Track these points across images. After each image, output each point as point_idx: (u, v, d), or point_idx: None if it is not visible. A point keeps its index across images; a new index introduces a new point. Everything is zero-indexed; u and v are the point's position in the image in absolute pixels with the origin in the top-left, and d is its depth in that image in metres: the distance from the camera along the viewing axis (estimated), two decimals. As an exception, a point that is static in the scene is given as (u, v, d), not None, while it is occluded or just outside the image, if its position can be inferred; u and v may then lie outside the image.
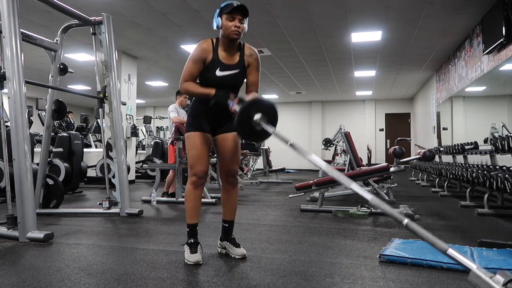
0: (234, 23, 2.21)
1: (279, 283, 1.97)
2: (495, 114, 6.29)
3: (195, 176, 2.36)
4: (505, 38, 4.92)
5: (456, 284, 1.96)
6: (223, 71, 2.31)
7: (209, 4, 5.47)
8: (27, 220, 2.89)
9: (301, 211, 4.34)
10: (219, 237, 2.55)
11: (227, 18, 2.21)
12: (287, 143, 1.81)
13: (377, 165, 4.45)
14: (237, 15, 2.21)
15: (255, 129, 1.98)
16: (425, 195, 5.97)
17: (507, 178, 3.48)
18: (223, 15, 2.22)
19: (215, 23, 2.26)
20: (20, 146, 2.94)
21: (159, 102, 15.70)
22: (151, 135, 11.18)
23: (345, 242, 2.88)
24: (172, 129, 5.32)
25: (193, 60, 2.29)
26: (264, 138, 2.06)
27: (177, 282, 1.97)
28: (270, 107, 2.07)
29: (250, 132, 2.02)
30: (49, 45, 4.06)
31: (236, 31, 2.22)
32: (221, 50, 2.31)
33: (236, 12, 2.20)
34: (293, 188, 4.86)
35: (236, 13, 2.21)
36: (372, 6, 5.56)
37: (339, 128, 8.82)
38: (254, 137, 2.07)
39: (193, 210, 2.39)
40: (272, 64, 8.93)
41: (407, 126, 14.35)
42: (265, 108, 2.03)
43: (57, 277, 2.04)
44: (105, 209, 4.05)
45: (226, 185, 2.48)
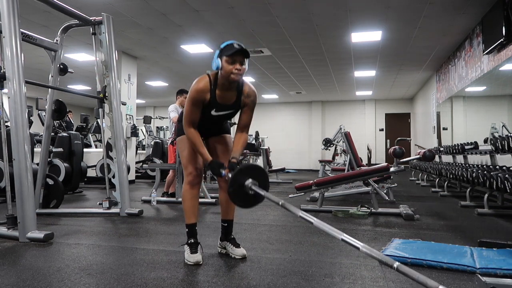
0: (235, 66, 2.17)
1: (279, 283, 1.97)
2: (495, 114, 6.29)
3: (190, 175, 2.40)
4: (505, 38, 4.92)
5: (456, 284, 1.96)
6: (218, 111, 2.34)
7: (209, 4, 5.47)
8: (27, 220, 2.89)
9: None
10: (219, 237, 2.56)
11: (227, 60, 2.17)
12: (279, 203, 1.90)
13: (377, 165, 4.45)
14: (238, 58, 2.18)
15: (248, 194, 2.04)
16: (425, 195, 5.97)
17: (507, 178, 3.48)
18: (223, 56, 2.18)
19: (215, 64, 2.21)
20: (20, 146, 2.94)
21: (159, 102, 15.70)
22: (151, 135, 11.18)
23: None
24: (172, 129, 5.32)
25: (192, 104, 2.26)
26: (258, 202, 2.11)
27: (177, 282, 1.97)
28: (259, 171, 2.11)
29: (244, 198, 2.07)
30: (49, 45, 4.06)
31: (237, 74, 2.19)
32: (219, 90, 2.28)
33: (237, 55, 2.17)
34: (293, 188, 4.86)
35: (237, 56, 2.17)
36: (372, 6, 5.56)
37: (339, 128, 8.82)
38: (249, 203, 2.11)
39: (191, 210, 2.41)
40: (272, 64, 8.93)
41: (407, 126, 14.35)
42: (254, 173, 2.08)
43: (57, 277, 2.04)
44: (105, 209, 4.05)
45: (223, 184, 2.50)
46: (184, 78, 10.35)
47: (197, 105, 2.27)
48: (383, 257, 1.49)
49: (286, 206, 1.89)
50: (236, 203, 2.12)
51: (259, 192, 2.01)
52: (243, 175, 2.04)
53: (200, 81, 2.26)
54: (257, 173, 2.08)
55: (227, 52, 2.17)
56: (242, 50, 2.16)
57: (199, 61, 8.56)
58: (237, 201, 2.09)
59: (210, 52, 7.86)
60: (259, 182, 2.06)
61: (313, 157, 14.71)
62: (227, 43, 2.21)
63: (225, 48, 2.19)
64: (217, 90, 2.28)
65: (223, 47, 2.21)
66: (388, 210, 4.16)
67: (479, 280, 1.64)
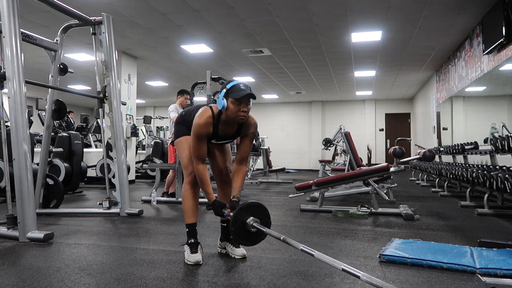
0: (241, 108, 2.17)
1: (279, 283, 1.97)
2: (495, 114, 6.29)
3: (190, 176, 2.41)
4: (505, 38, 4.92)
5: (456, 284, 1.96)
6: (219, 141, 2.40)
7: (209, 4, 5.47)
8: (27, 220, 2.89)
9: (301, 211, 4.34)
10: (219, 237, 2.56)
11: (233, 102, 2.16)
12: (280, 238, 1.97)
13: (377, 165, 4.45)
14: (244, 100, 2.17)
15: (250, 232, 2.08)
16: (425, 195, 5.97)
17: (507, 178, 3.48)
18: (229, 98, 2.17)
19: (221, 105, 2.19)
20: (20, 146, 2.94)
21: (159, 102, 15.70)
22: (151, 135, 11.18)
23: (345, 242, 2.88)
24: (172, 129, 5.32)
25: (197, 139, 2.26)
26: (260, 240, 2.15)
27: (177, 282, 1.97)
28: (260, 209, 2.14)
29: (247, 236, 2.10)
30: (49, 45, 4.06)
31: (243, 116, 2.20)
32: (221, 125, 2.30)
33: (244, 98, 2.16)
34: (293, 188, 4.86)
35: (244, 99, 2.17)
36: (372, 6, 5.56)
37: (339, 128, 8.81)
38: (251, 241, 2.14)
39: (191, 210, 2.42)
40: (272, 64, 8.93)
41: (407, 126, 14.35)
42: (255, 210, 2.12)
43: (57, 277, 2.04)
44: (105, 209, 4.05)
45: (221, 184, 2.52)
46: (184, 78, 10.35)
47: (202, 140, 2.27)
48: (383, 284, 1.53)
49: (287, 241, 1.96)
50: (239, 241, 2.15)
51: (261, 229, 2.05)
52: (244, 214, 2.08)
53: (203, 116, 2.25)
54: (258, 210, 2.13)
55: (234, 95, 2.15)
56: (249, 94, 2.16)
57: (199, 61, 8.56)
58: (240, 239, 2.12)
59: (210, 52, 7.87)
60: (261, 219, 2.11)
61: (313, 157, 14.71)
62: (233, 84, 2.19)
63: (232, 90, 2.17)
64: (220, 125, 2.29)
65: (229, 87, 2.18)
66: (388, 210, 4.16)
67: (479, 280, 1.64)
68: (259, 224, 2.08)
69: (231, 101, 2.17)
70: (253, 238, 2.12)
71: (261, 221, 2.11)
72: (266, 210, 2.17)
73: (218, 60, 8.57)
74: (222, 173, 2.51)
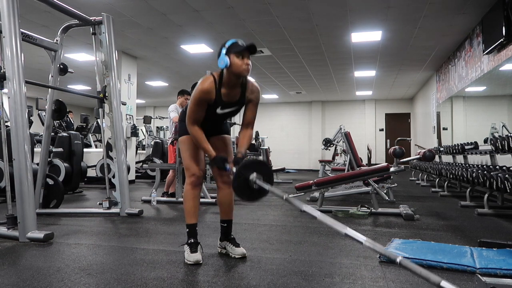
0: (245, 61, 2.21)
1: (279, 283, 1.97)
2: (495, 114, 6.29)
3: (193, 176, 2.41)
4: (505, 38, 4.92)
5: (456, 284, 1.96)
6: (224, 109, 2.37)
7: (209, 4, 5.47)
8: (27, 220, 2.89)
9: (301, 211, 4.33)
10: (219, 237, 2.56)
11: (236, 56, 2.20)
12: (283, 197, 1.95)
13: (377, 165, 4.45)
14: (246, 53, 2.22)
15: (252, 188, 2.07)
16: (425, 195, 5.97)
17: (507, 178, 3.48)
18: (232, 53, 2.21)
19: (223, 62, 2.22)
20: (20, 146, 2.94)
21: (159, 102, 15.70)
22: (151, 135, 11.18)
23: (345, 242, 2.88)
24: (172, 129, 5.32)
25: (197, 104, 2.28)
26: (262, 196, 2.15)
27: (177, 282, 1.97)
28: (263, 166, 2.14)
29: (249, 192, 2.10)
30: (49, 45, 4.06)
31: (247, 68, 2.22)
32: (224, 88, 2.30)
33: (246, 51, 2.21)
34: (293, 188, 4.86)
35: (246, 52, 2.21)
36: (372, 6, 5.56)
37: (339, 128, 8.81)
38: (253, 197, 2.14)
39: (192, 210, 2.42)
40: (272, 64, 8.93)
41: (407, 126, 14.35)
42: (259, 167, 2.11)
43: (57, 277, 2.04)
44: (105, 209, 4.05)
45: (221, 184, 2.51)
46: (184, 78, 10.35)
47: (201, 105, 2.28)
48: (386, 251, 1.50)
49: (290, 200, 1.93)
50: (241, 196, 2.13)
51: (263, 186, 2.03)
52: (247, 169, 2.07)
53: (205, 81, 2.27)
54: (262, 168, 2.11)
55: (236, 49, 2.20)
56: (251, 47, 2.21)
57: (199, 61, 8.56)
58: (242, 195, 2.11)
59: (210, 52, 7.86)
60: (264, 176, 2.08)
61: (313, 157, 14.71)
62: (232, 42, 2.24)
63: (232, 46, 2.22)
64: (222, 89, 2.29)
65: (230, 45, 2.23)
66: (388, 210, 4.16)
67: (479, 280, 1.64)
68: (262, 181, 2.06)
69: (234, 55, 2.20)
70: (254, 195, 2.12)
71: (264, 178, 2.09)
72: (269, 167, 2.16)
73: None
74: (222, 173, 2.48)
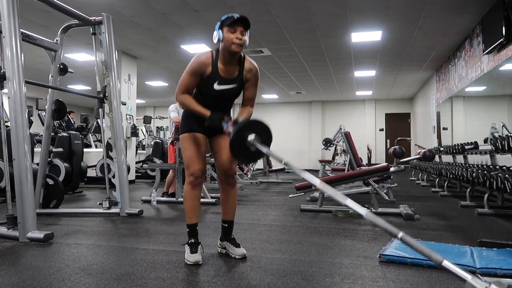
0: (236, 35, 2.17)
1: (279, 283, 1.97)
2: (495, 114, 6.29)
3: (192, 176, 2.38)
4: (505, 38, 4.92)
5: (456, 284, 1.96)
6: (221, 85, 2.30)
7: (209, 4, 5.47)
8: (27, 220, 2.89)
9: (301, 211, 4.34)
10: (219, 237, 2.56)
11: (228, 30, 2.17)
12: (282, 161, 1.91)
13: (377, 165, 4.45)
14: (239, 27, 2.18)
15: (249, 149, 2.03)
16: (425, 195, 5.97)
17: (507, 178, 3.48)
18: (224, 27, 2.18)
19: (216, 36, 2.21)
20: (20, 146, 2.94)
21: (159, 102, 15.70)
22: (151, 135, 11.18)
23: (345, 242, 2.88)
24: (172, 129, 5.32)
25: (190, 73, 2.26)
26: (259, 158, 2.12)
27: (177, 282, 1.97)
28: (263, 127, 2.10)
29: (245, 153, 2.06)
30: (49, 45, 4.06)
31: (238, 44, 2.18)
32: (221, 63, 2.28)
33: (237, 24, 2.17)
34: (293, 188, 4.86)
35: (238, 25, 2.17)
36: (372, 6, 5.56)
37: (339, 128, 8.81)
38: (249, 158, 2.12)
39: (192, 210, 2.41)
40: (272, 64, 8.93)
41: (407, 126, 14.35)
42: (258, 128, 2.07)
43: (57, 277, 2.04)
44: (105, 209, 4.05)
45: (225, 185, 2.48)
46: (184, 78, 10.33)
47: (195, 76, 2.26)
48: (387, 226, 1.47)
49: (290, 165, 1.90)
50: (238, 157, 2.11)
51: (261, 149, 1.99)
52: (246, 130, 2.03)
53: (202, 53, 2.27)
54: (261, 129, 2.07)
55: (227, 22, 2.18)
56: (242, 18, 2.17)
57: (199, 61, 8.54)
58: (238, 155, 2.09)
59: (210, 52, 7.86)
60: (262, 138, 2.04)
61: (313, 157, 14.70)
62: (227, 15, 2.21)
63: (226, 20, 2.20)
64: (219, 64, 2.27)
65: (224, 18, 2.21)
66: (388, 210, 4.16)
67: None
68: (260, 143, 2.03)
69: (226, 30, 2.18)
70: (252, 155, 2.09)
71: (262, 140, 2.06)
72: (269, 129, 2.12)
73: (218, 60, 8.56)
74: (227, 175, 2.44)
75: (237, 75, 2.32)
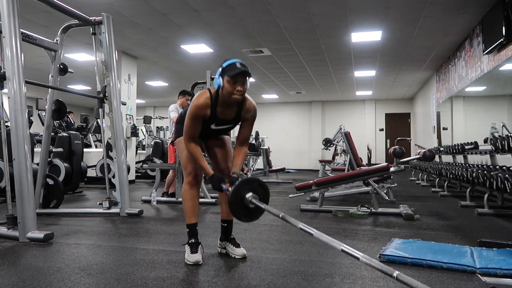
0: (236, 87, 2.15)
1: (279, 283, 1.97)
2: (495, 114, 6.28)
3: (190, 176, 2.41)
4: (505, 38, 4.91)
5: (456, 284, 1.96)
6: (218, 126, 2.36)
7: (209, 4, 5.47)
8: (27, 220, 2.89)
9: (301, 211, 4.34)
10: (219, 237, 2.56)
11: (228, 81, 2.14)
12: (279, 216, 1.97)
13: (377, 165, 4.45)
14: (240, 79, 2.15)
15: (248, 207, 2.07)
16: (425, 195, 5.97)
17: (507, 178, 3.48)
18: (225, 76, 2.15)
19: (217, 84, 2.19)
20: (20, 146, 2.94)
21: (159, 102, 15.69)
22: (151, 135, 11.18)
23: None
24: (172, 129, 5.32)
25: (192, 119, 2.25)
26: (258, 215, 2.14)
27: (177, 282, 1.97)
28: (258, 183, 2.14)
29: (245, 211, 2.10)
30: (49, 45, 4.06)
31: (238, 95, 2.18)
32: (219, 107, 2.27)
33: (239, 76, 2.14)
34: (293, 188, 4.85)
35: (239, 77, 2.15)
36: (372, 6, 5.56)
37: (339, 128, 8.81)
38: (249, 217, 2.13)
39: (191, 210, 2.42)
40: (272, 64, 8.93)
41: (407, 126, 14.35)
42: (254, 185, 2.12)
43: (57, 277, 2.04)
44: (105, 209, 4.05)
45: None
46: (184, 78, 10.34)
47: (197, 121, 2.26)
48: (383, 266, 1.52)
49: (286, 219, 1.96)
50: (237, 216, 2.14)
51: (259, 206, 2.04)
52: (243, 189, 2.07)
53: (201, 97, 2.24)
54: (257, 187, 2.12)
55: (229, 73, 2.14)
56: (244, 71, 2.13)
57: (199, 61, 8.55)
58: (238, 215, 2.11)
59: (210, 52, 7.87)
60: (259, 195, 2.10)
61: (313, 157, 14.71)
62: (229, 62, 2.17)
63: (228, 68, 2.16)
64: (218, 107, 2.27)
65: (226, 66, 2.17)
66: (388, 210, 4.16)
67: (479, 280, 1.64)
68: (258, 200, 2.06)
69: (226, 79, 2.15)
70: (251, 214, 2.11)
71: (260, 197, 2.09)
72: (265, 186, 2.15)
73: (218, 60, 8.55)
74: (224, 174, 2.49)
75: (235, 116, 2.34)
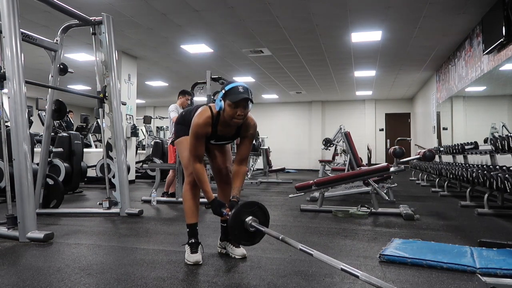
0: (238, 112, 2.14)
1: (279, 283, 1.97)
2: (495, 114, 6.28)
3: (191, 176, 2.40)
4: (505, 38, 4.91)
5: (456, 284, 1.96)
6: (218, 141, 2.39)
7: (209, 4, 5.47)
8: (27, 220, 2.89)
9: (301, 211, 4.34)
10: (219, 237, 2.56)
11: (230, 105, 2.12)
12: (279, 238, 2.00)
13: (377, 165, 4.45)
14: (242, 104, 2.14)
15: (249, 231, 2.09)
16: (425, 195, 5.97)
17: (507, 178, 3.48)
18: (227, 100, 2.13)
19: (218, 106, 2.18)
20: (20, 146, 2.94)
21: (159, 102, 15.69)
22: (151, 135, 11.18)
23: (345, 242, 2.88)
24: (173, 129, 5.30)
25: (196, 138, 2.24)
26: (259, 239, 2.16)
27: (177, 282, 1.97)
28: (258, 206, 2.16)
29: (246, 236, 2.11)
30: (49, 45, 4.06)
31: (239, 120, 2.17)
32: (220, 126, 2.28)
33: (241, 102, 2.13)
34: (293, 188, 4.86)
35: (241, 103, 2.13)
36: (372, 6, 5.56)
37: (339, 128, 8.81)
38: (250, 241, 2.15)
39: (192, 210, 2.42)
40: (272, 64, 8.93)
41: (407, 126, 14.35)
42: (253, 208, 2.14)
43: (57, 277, 2.04)
44: (105, 209, 4.05)
45: (221, 184, 2.52)
46: (184, 78, 10.34)
47: (200, 139, 2.26)
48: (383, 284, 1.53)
49: (286, 240, 1.98)
50: (238, 241, 2.15)
51: (259, 229, 2.06)
52: (243, 213, 2.09)
53: (202, 115, 2.23)
54: (257, 210, 2.14)
55: (231, 97, 2.11)
56: (246, 98, 2.12)
57: (199, 61, 8.55)
58: (239, 239, 2.13)
59: (210, 52, 7.87)
60: (259, 218, 2.12)
61: (313, 157, 14.71)
62: (231, 86, 2.15)
63: (230, 92, 2.13)
64: (218, 125, 2.27)
65: (228, 89, 2.15)
66: (388, 210, 4.16)
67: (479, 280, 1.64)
68: (257, 223, 2.09)
69: (227, 103, 2.13)
70: (252, 238, 2.13)
71: (260, 220, 2.12)
72: (265, 209, 2.18)
73: (218, 60, 8.57)
74: (222, 173, 2.51)
75: (234, 133, 2.34)
